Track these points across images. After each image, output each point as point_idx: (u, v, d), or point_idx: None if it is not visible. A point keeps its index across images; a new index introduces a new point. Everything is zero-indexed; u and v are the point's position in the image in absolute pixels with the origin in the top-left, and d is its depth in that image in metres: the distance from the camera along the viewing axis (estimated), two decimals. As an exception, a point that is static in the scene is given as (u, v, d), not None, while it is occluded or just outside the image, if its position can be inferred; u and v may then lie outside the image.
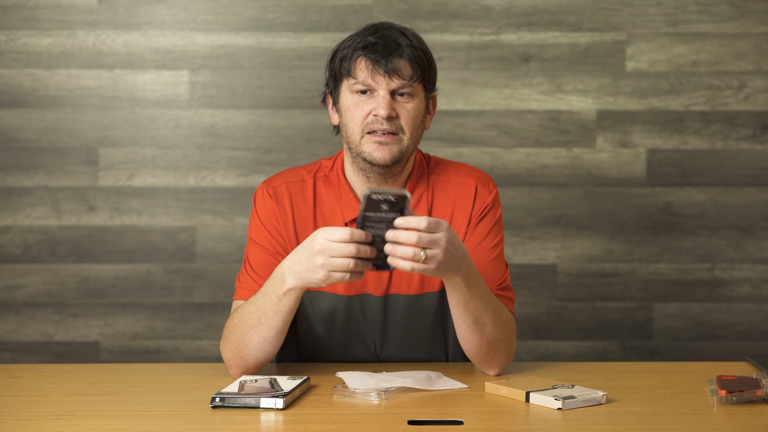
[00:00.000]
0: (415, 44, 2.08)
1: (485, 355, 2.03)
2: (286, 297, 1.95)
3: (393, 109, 2.05)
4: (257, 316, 1.99)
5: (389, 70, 2.04)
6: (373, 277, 2.13)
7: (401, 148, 2.07)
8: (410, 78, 2.06)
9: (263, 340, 2.00)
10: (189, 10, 3.18)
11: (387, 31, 2.08)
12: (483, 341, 2.01)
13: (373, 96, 2.06)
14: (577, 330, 3.24)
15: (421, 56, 2.07)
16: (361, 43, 2.07)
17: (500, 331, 2.01)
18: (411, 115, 2.07)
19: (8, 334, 3.21)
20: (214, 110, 3.19)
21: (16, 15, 3.17)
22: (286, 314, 1.97)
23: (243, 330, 2.01)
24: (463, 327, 2.00)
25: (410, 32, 2.10)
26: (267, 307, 1.97)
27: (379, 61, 2.04)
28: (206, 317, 3.22)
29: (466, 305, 1.97)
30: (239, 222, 3.20)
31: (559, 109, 3.20)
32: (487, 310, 1.99)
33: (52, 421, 1.78)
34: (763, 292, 3.24)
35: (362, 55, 2.06)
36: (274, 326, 1.98)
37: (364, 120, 2.06)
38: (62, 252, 3.20)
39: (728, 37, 3.20)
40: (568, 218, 3.22)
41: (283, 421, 1.78)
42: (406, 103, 2.07)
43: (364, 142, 2.07)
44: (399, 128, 2.06)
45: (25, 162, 3.19)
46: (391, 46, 2.05)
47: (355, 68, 2.07)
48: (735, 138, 3.21)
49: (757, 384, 1.89)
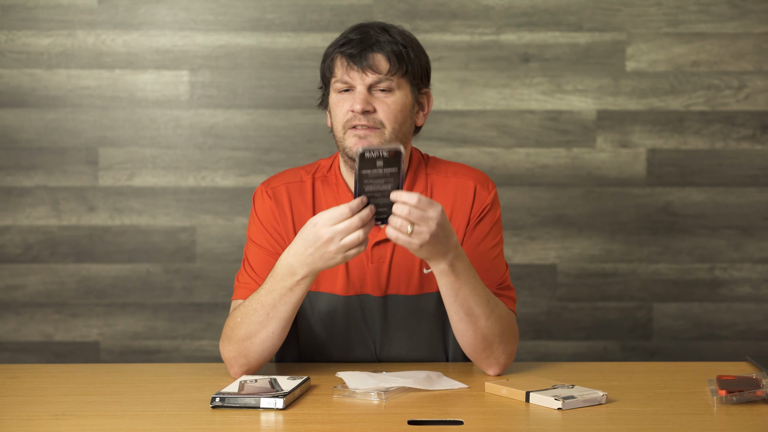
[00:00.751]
0: (397, 39, 2.08)
1: (481, 351, 2.03)
2: (299, 287, 1.96)
3: (369, 104, 2.06)
4: (265, 311, 1.99)
5: (363, 66, 2.06)
6: (373, 278, 2.13)
7: (382, 141, 2.08)
8: (387, 72, 2.07)
9: (271, 334, 2.00)
10: (189, 10, 3.18)
11: (367, 28, 2.10)
12: (477, 335, 2.01)
13: (352, 93, 2.08)
14: (577, 330, 3.24)
15: (400, 50, 2.07)
16: (341, 41, 2.10)
17: (495, 327, 2.02)
18: (391, 109, 2.07)
19: (8, 334, 3.21)
20: (214, 110, 3.19)
21: (16, 15, 3.17)
22: (294, 305, 1.98)
23: (248, 328, 2.00)
24: (456, 318, 2.01)
25: (395, 29, 2.11)
26: (276, 301, 1.97)
27: (354, 56, 2.06)
28: (206, 317, 3.22)
29: (456, 295, 1.98)
30: (239, 222, 3.20)
31: (559, 109, 3.20)
32: (479, 303, 1.99)
33: (52, 421, 1.78)
34: (763, 292, 3.24)
35: (339, 52, 2.08)
36: (282, 318, 1.99)
37: (345, 116, 2.08)
38: (62, 252, 3.20)
39: (728, 37, 3.20)
40: (568, 218, 3.22)
41: (283, 421, 1.78)
42: (386, 97, 2.08)
43: (347, 137, 2.08)
44: (378, 122, 2.07)
45: (25, 162, 3.19)
46: (367, 42, 2.07)
47: (335, 66, 2.10)
48: (735, 138, 3.21)
49: (757, 384, 1.89)
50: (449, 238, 1.91)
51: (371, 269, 2.14)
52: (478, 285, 1.99)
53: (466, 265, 1.97)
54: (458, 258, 1.95)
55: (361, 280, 2.14)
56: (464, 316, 2.00)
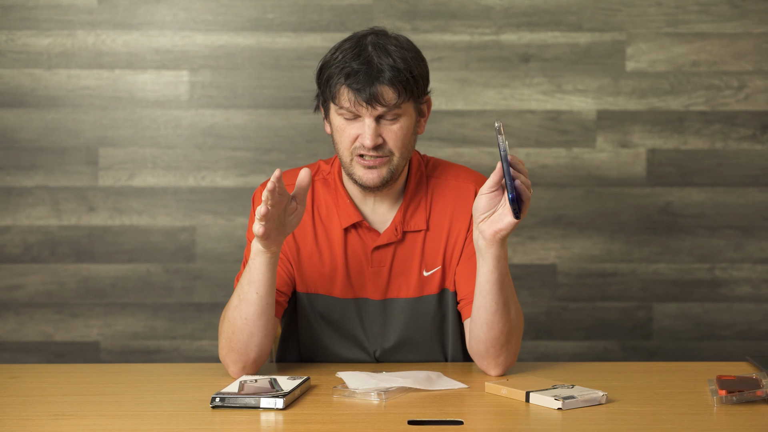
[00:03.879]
0: (398, 64, 2.04)
1: (500, 346, 2.03)
2: (254, 262, 1.97)
3: (378, 136, 2.05)
4: (238, 298, 2.01)
5: (371, 100, 2.02)
6: (372, 282, 2.14)
7: (391, 168, 2.08)
8: (393, 102, 2.04)
9: (245, 320, 2.00)
10: (189, 10, 3.18)
11: (370, 54, 2.04)
12: (506, 328, 2.02)
13: (358, 121, 2.06)
14: (577, 330, 3.24)
15: (404, 76, 2.03)
16: (345, 69, 2.04)
17: (518, 320, 2.05)
18: (398, 136, 2.06)
19: (8, 334, 3.21)
20: (214, 110, 3.19)
21: (16, 15, 3.17)
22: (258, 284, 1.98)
23: (230, 320, 2.02)
24: (493, 308, 2.01)
25: (393, 47, 2.06)
26: (243, 283, 2.00)
27: (361, 91, 2.02)
28: (206, 317, 3.22)
29: (502, 282, 1.99)
30: (239, 222, 3.20)
31: (559, 109, 3.20)
32: (513, 294, 2.03)
33: (52, 421, 1.78)
34: (763, 292, 3.24)
35: (345, 84, 2.04)
36: (250, 301, 1.99)
37: (352, 144, 2.07)
38: (62, 252, 3.20)
39: (728, 37, 3.20)
40: (568, 218, 3.22)
41: (283, 421, 1.78)
42: (392, 125, 2.06)
43: (354, 165, 2.08)
44: (387, 152, 2.07)
45: (25, 162, 3.19)
46: (373, 73, 2.02)
47: (340, 96, 2.05)
48: (735, 138, 3.21)
49: (757, 384, 1.89)
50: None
51: (370, 273, 2.14)
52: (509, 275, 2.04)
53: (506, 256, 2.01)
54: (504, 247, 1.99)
55: (360, 284, 2.14)
56: (502, 305, 2.01)
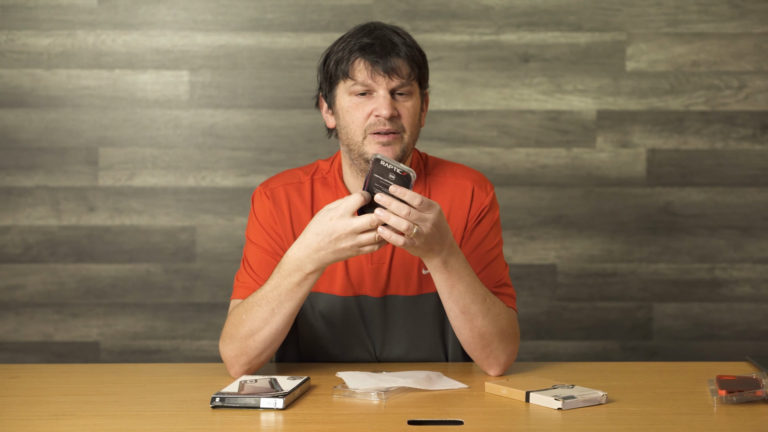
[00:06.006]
0: (410, 42, 2.09)
1: (480, 349, 2.03)
2: (306, 281, 1.96)
3: (395, 109, 2.06)
4: (270, 308, 1.99)
5: (388, 70, 2.05)
6: (371, 279, 2.14)
7: (403, 146, 2.08)
8: (408, 77, 2.06)
9: (274, 331, 2.00)
10: (189, 10, 3.18)
11: (381, 32, 2.08)
12: (474, 333, 2.02)
13: (372, 97, 2.06)
14: (577, 330, 3.24)
15: (416, 54, 2.09)
16: (357, 44, 2.06)
17: (492, 325, 2.02)
18: (411, 113, 2.08)
19: (8, 334, 3.21)
20: (214, 110, 3.19)
21: (16, 15, 3.17)
22: (299, 300, 1.99)
23: (252, 325, 2.00)
24: (452, 315, 2.02)
25: (402, 31, 2.11)
26: (282, 297, 1.97)
27: (378, 62, 2.05)
28: (206, 317, 3.22)
29: (450, 291, 1.98)
30: (239, 222, 3.20)
31: (559, 109, 3.20)
32: (474, 301, 2.00)
33: (52, 421, 1.78)
34: (763, 292, 3.24)
35: (360, 56, 2.06)
36: (287, 314, 1.99)
37: (366, 121, 2.06)
38: (62, 252, 3.20)
39: (728, 37, 3.20)
40: (568, 218, 3.22)
41: (283, 421, 1.78)
42: (406, 101, 2.08)
43: (367, 143, 2.07)
44: (401, 127, 2.07)
45: (25, 162, 3.19)
46: (388, 46, 2.06)
47: (354, 70, 2.06)
48: (735, 138, 3.21)
49: (757, 384, 1.89)
50: (444, 237, 1.92)
51: (370, 270, 2.14)
52: (474, 282, 1.99)
53: (462, 262, 1.97)
54: (452, 255, 1.95)
55: (359, 281, 2.14)
56: (459, 313, 2.00)
